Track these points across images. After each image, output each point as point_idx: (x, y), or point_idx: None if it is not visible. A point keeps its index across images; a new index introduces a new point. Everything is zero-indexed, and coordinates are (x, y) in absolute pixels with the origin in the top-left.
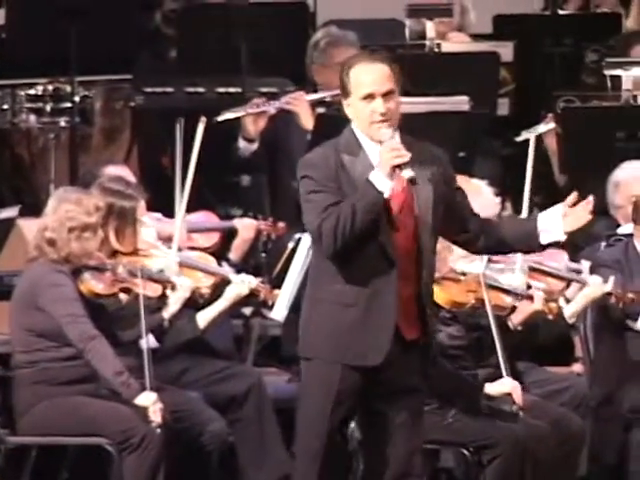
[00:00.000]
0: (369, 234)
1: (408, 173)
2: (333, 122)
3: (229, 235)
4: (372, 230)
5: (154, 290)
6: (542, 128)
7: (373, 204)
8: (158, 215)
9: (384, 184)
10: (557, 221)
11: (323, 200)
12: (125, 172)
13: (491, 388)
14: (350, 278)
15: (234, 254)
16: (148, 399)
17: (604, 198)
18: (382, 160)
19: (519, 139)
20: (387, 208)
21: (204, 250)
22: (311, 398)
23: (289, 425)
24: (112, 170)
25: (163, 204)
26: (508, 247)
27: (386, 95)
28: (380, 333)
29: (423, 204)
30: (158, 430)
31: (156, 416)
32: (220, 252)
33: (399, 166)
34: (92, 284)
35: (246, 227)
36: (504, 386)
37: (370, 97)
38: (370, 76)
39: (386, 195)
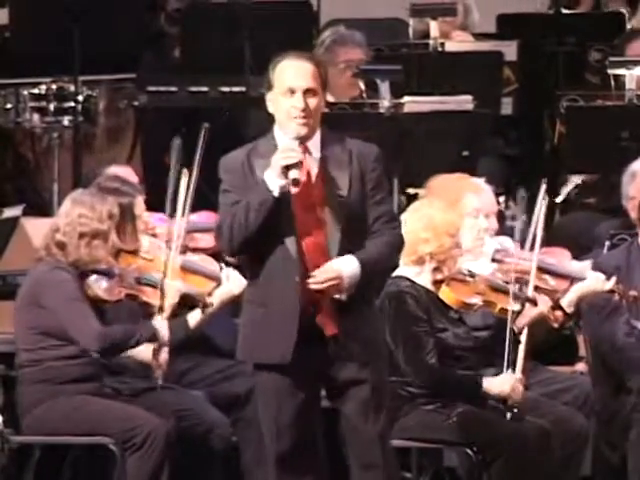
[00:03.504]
0: (268, 232)
1: (294, 174)
2: None
3: None
4: (271, 228)
5: (155, 297)
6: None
7: (263, 202)
8: (161, 215)
9: (274, 183)
10: None
11: (230, 201)
12: (128, 172)
13: (489, 385)
14: (258, 277)
15: None
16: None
17: (608, 197)
18: (274, 160)
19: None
20: (288, 205)
21: (205, 250)
22: (260, 400)
23: None
24: (115, 170)
25: (166, 204)
26: None
27: (307, 92)
28: (286, 331)
29: (335, 201)
30: (160, 381)
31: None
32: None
33: (288, 167)
34: (97, 289)
35: None
36: (503, 385)
37: (291, 92)
38: (293, 71)
39: (275, 194)
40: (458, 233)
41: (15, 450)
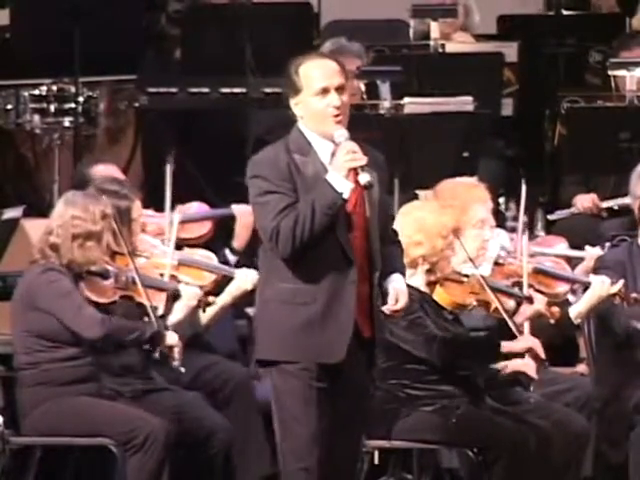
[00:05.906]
0: (324, 234)
1: (365, 178)
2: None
3: (228, 223)
4: (328, 229)
5: (158, 298)
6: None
7: (332, 205)
8: (149, 212)
9: (343, 185)
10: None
11: (279, 201)
12: (114, 171)
13: (510, 345)
14: (307, 277)
15: (237, 242)
16: (173, 338)
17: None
18: (339, 162)
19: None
20: (343, 208)
21: (197, 239)
22: (290, 405)
23: None
24: (101, 169)
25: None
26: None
27: (339, 89)
28: (341, 330)
29: (372, 205)
30: (182, 369)
31: (179, 355)
32: (224, 241)
33: (355, 169)
34: (90, 293)
35: (244, 213)
36: (524, 342)
37: (324, 91)
38: (322, 70)
39: (345, 196)
40: (450, 234)
41: (16, 451)
